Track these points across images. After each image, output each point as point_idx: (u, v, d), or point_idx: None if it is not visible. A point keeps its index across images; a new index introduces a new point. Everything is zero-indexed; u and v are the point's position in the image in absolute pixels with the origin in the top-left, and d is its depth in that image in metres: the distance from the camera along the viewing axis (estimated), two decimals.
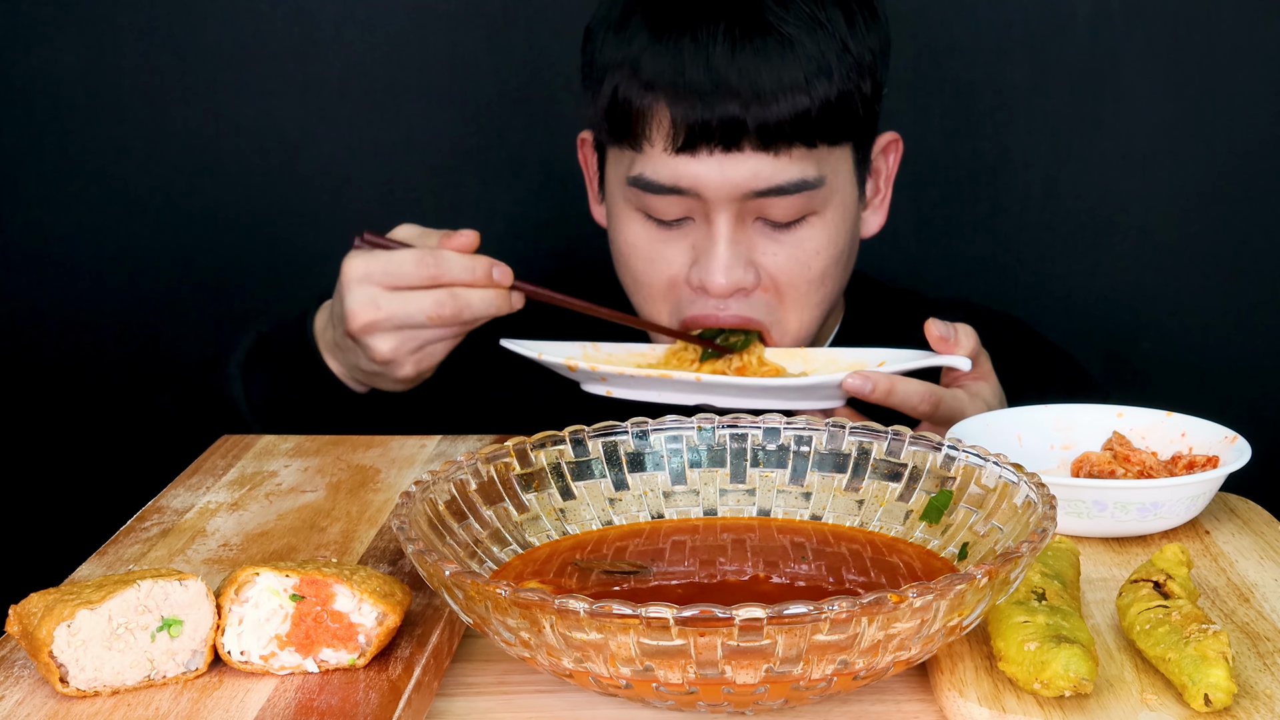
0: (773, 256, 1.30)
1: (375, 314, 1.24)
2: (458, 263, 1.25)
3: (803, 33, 1.25)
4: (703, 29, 1.25)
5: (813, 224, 1.30)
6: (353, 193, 1.76)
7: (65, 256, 1.76)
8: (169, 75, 1.72)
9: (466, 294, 1.25)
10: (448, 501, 0.90)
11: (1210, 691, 0.77)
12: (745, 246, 1.29)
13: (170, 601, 0.80)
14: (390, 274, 1.24)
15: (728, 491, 0.99)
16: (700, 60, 1.24)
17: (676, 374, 1.22)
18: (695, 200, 1.27)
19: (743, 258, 1.29)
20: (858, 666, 0.75)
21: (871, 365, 1.25)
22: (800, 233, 1.30)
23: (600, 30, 1.32)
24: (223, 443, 1.21)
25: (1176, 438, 1.11)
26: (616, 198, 1.34)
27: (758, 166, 1.25)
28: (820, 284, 1.32)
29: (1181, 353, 1.77)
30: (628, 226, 1.33)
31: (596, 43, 1.32)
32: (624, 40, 1.28)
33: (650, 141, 1.27)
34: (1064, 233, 1.75)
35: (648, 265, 1.32)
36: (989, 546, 0.87)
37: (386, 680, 0.80)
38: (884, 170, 1.39)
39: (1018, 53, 1.71)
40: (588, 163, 1.42)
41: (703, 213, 1.28)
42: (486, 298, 1.25)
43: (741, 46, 1.24)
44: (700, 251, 1.30)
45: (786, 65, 1.24)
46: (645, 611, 0.71)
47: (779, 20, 1.25)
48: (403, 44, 1.73)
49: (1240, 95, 1.71)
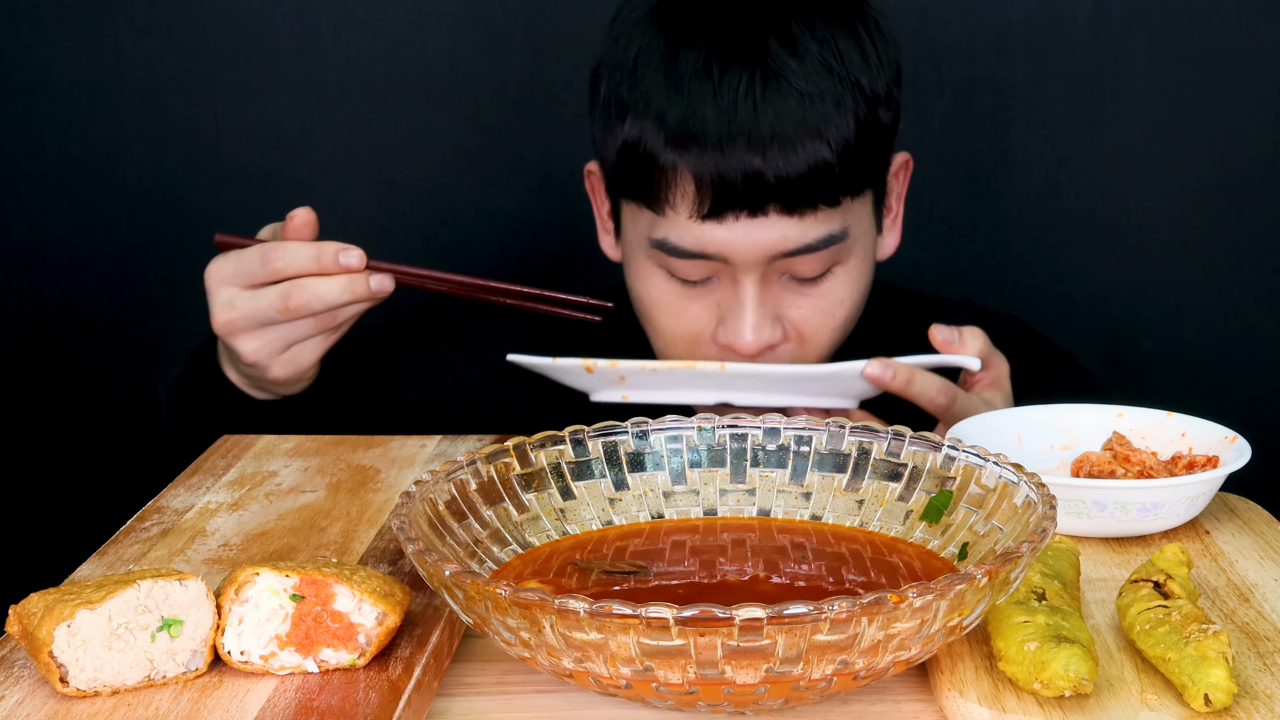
0: (798, 310, 1.29)
1: (231, 314, 1.22)
2: (299, 252, 1.21)
3: (817, 81, 1.23)
4: (723, 81, 1.23)
5: (837, 274, 1.29)
6: (353, 193, 1.76)
7: (65, 256, 1.76)
8: (169, 75, 1.72)
9: (314, 284, 1.21)
10: (448, 501, 0.90)
11: (1210, 691, 0.77)
12: (772, 305, 1.28)
13: (170, 601, 0.80)
14: (240, 273, 1.23)
15: (728, 491, 0.99)
16: (721, 112, 1.22)
17: (701, 365, 1.21)
18: (721, 262, 1.26)
19: (770, 316, 1.28)
20: (858, 666, 0.75)
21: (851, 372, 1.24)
22: (826, 284, 1.29)
23: (613, 75, 1.29)
24: (223, 443, 1.21)
25: (1176, 438, 1.11)
26: (637, 251, 1.32)
27: (785, 230, 1.24)
28: (843, 328, 1.33)
29: (1181, 353, 1.77)
30: (650, 282, 1.31)
31: (610, 86, 1.29)
32: (640, 94, 1.25)
33: (673, 208, 1.25)
34: (1064, 233, 1.75)
35: (672, 319, 1.31)
36: (989, 546, 0.87)
37: (386, 680, 0.80)
38: (895, 189, 1.38)
39: (1018, 53, 1.71)
40: (595, 194, 1.40)
41: (728, 273, 1.27)
42: (336, 285, 1.22)
43: (763, 99, 1.22)
44: (727, 310, 1.28)
45: (806, 114, 1.22)
46: (645, 611, 0.71)
47: (790, 74, 1.23)
48: (403, 44, 1.73)
49: (1240, 95, 1.71)
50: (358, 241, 1.78)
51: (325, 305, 1.22)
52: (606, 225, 1.39)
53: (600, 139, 1.32)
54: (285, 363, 1.25)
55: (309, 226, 1.24)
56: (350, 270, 1.22)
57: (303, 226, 1.24)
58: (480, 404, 1.47)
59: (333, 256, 1.21)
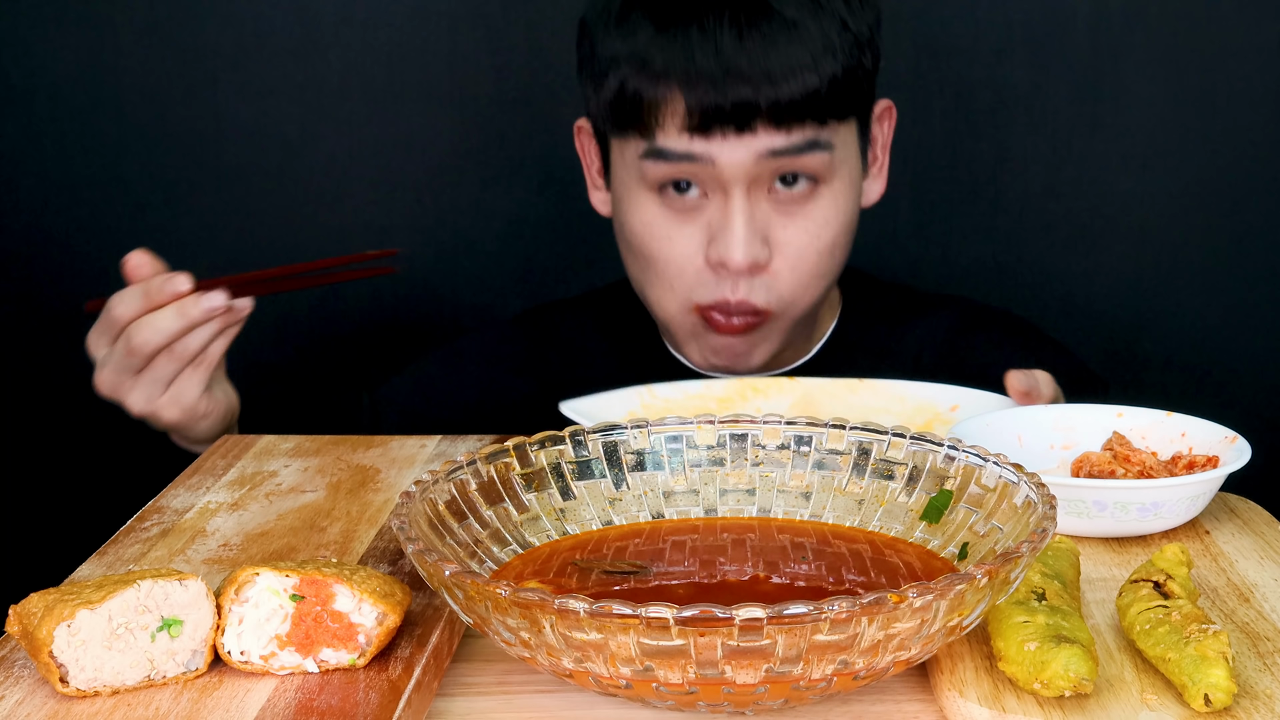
0: (784, 230, 1.32)
1: (102, 373, 1.25)
2: (131, 294, 1.23)
3: (805, 16, 1.27)
4: (708, 18, 1.26)
5: (822, 195, 1.32)
6: (353, 193, 1.76)
7: (65, 256, 1.76)
8: (169, 75, 1.72)
9: (150, 319, 1.22)
10: (448, 501, 0.90)
11: (1210, 691, 0.77)
12: (761, 222, 1.31)
13: (170, 601, 0.80)
14: (100, 332, 1.25)
15: (728, 491, 0.99)
16: (709, 48, 1.25)
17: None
18: (709, 174, 1.29)
19: (758, 235, 1.30)
20: (858, 666, 0.75)
21: (943, 406, 1.23)
22: (810, 205, 1.32)
23: (599, 24, 1.32)
24: (223, 443, 1.21)
25: (1176, 438, 1.11)
26: (626, 181, 1.35)
27: (771, 140, 1.28)
28: (829, 255, 1.34)
29: (1181, 353, 1.77)
30: (641, 206, 1.33)
31: (595, 36, 1.33)
32: (627, 33, 1.29)
33: (663, 127, 1.29)
34: (1064, 233, 1.75)
35: (663, 244, 1.33)
36: (989, 546, 0.87)
37: (386, 680, 0.80)
38: (880, 138, 1.41)
39: (1018, 53, 1.71)
40: (586, 151, 1.43)
41: (718, 187, 1.30)
42: (168, 315, 1.22)
43: (748, 32, 1.26)
44: (717, 229, 1.31)
45: (793, 48, 1.26)
46: (645, 611, 0.71)
47: (780, 4, 1.27)
48: (403, 44, 1.73)
49: (1240, 95, 1.71)
50: (358, 241, 1.79)
51: (166, 336, 1.22)
52: (597, 182, 1.43)
53: (590, 90, 1.35)
54: (170, 405, 1.25)
55: (144, 267, 1.24)
56: (179, 296, 1.22)
57: (137, 269, 1.24)
58: (480, 398, 1.48)
59: (159, 288, 1.23)
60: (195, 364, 1.25)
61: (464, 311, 1.78)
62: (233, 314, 1.24)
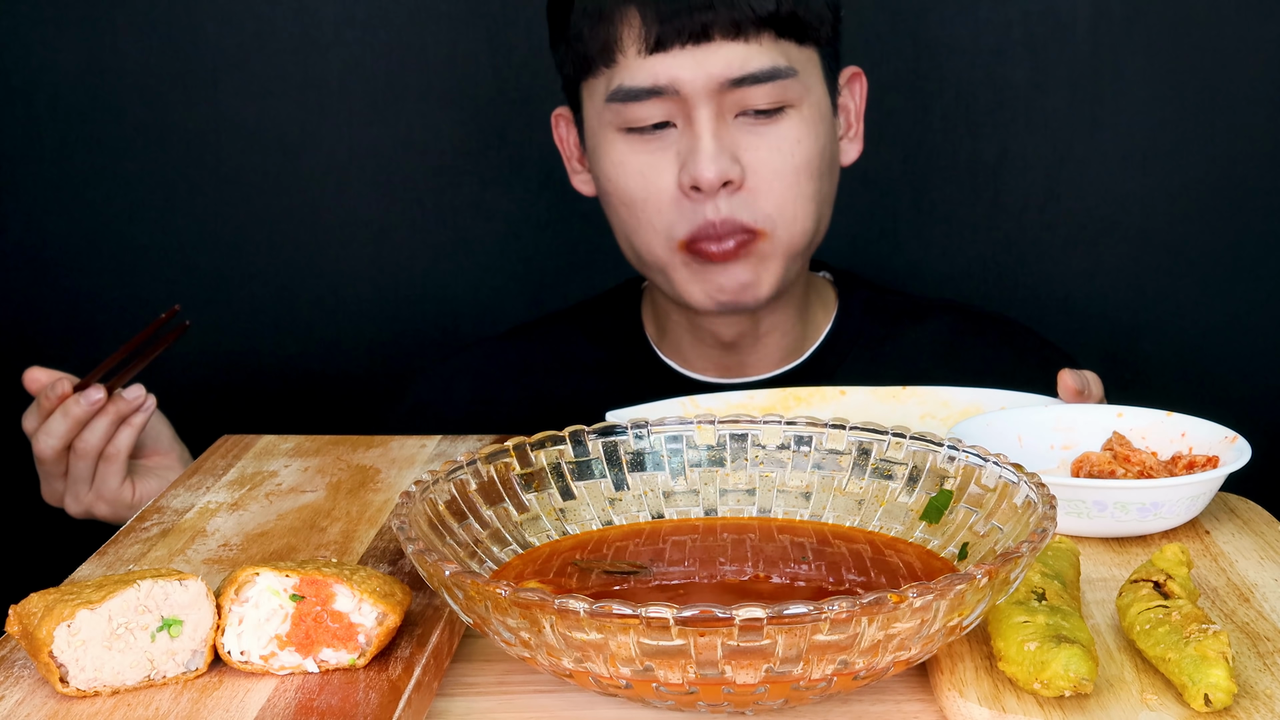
0: (754, 150, 1.32)
1: (42, 488, 1.34)
2: (30, 410, 1.31)
3: None
4: None
5: (790, 116, 1.32)
6: (353, 193, 1.76)
7: (65, 256, 1.76)
8: (169, 75, 1.72)
9: (46, 426, 1.29)
10: (448, 501, 0.90)
11: (1210, 691, 0.77)
12: (729, 141, 1.31)
13: (170, 601, 0.80)
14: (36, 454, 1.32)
15: (728, 491, 0.99)
16: None
17: None
18: (675, 102, 1.30)
19: (727, 151, 1.30)
20: (858, 666, 0.75)
21: (991, 407, 1.21)
22: (779, 125, 1.32)
23: None
24: (223, 443, 1.21)
25: (1176, 438, 1.11)
26: (598, 132, 1.35)
27: (730, 55, 1.28)
28: (806, 175, 1.33)
29: (1181, 353, 1.77)
30: (613, 148, 1.34)
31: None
32: None
33: (623, 50, 1.30)
34: (1064, 233, 1.75)
35: (638, 180, 1.33)
36: (989, 546, 0.87)
37: (386, 680, 0.80)
38: (852, 106, 1.42)
39: (1018, 53, 1.71)
40: (564, 139, 1.44)
41: (684, 115, 1.31)
42: (57, 419, 1.29)
43: None
44: (686, 152, 1.31)
45: None
46: (645, 611, 0.71)
47: None
48: (403, 44, 1.73)
49: (1240, 95, 1.71)
50: (358, 241, 1.79)
51: (63, 440, 1.29)
52: (575, 167, 1.44)
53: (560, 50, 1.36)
54: (97, 501, 1.32)
55: (36, 381, 1.31)
56: (65, 398, 1.29)
57: (32, 383, 1.31)
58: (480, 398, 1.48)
59: (47, 396, 1.30)
60: (106, 458, 1.30)
61: (464, 311, 1.78)
62: (125, 405, 1.29)
